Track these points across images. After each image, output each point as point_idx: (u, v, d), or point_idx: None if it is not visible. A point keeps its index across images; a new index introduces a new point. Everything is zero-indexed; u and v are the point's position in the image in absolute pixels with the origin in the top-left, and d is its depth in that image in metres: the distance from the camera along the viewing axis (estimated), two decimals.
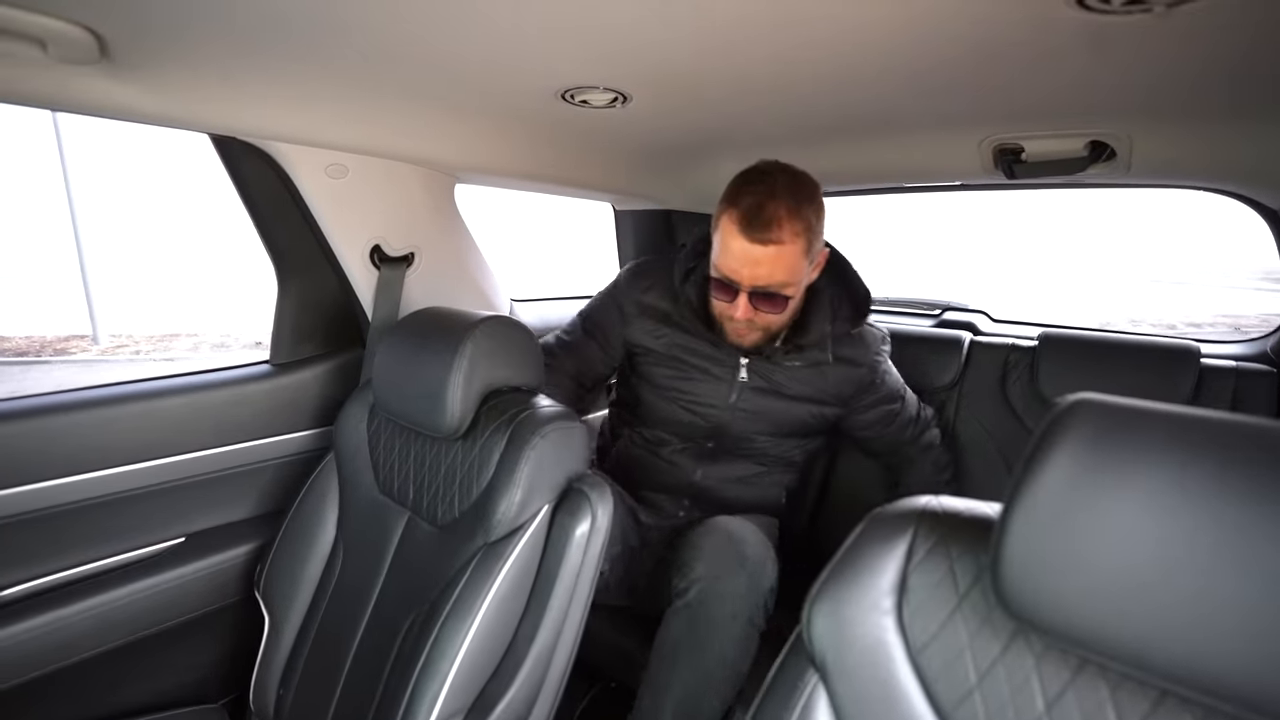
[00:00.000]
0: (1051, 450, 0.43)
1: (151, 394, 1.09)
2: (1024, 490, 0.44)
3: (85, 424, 1.01)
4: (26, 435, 0.96)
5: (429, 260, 1.33)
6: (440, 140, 1.18)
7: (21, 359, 8.64)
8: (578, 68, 0.89)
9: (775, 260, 1.04)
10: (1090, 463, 0.41)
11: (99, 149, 1.98)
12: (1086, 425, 0.43)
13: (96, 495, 1.03)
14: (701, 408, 1.23)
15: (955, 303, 1.76)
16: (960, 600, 0.53)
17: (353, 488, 1.08)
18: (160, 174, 14.30)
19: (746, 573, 1.02)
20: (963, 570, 0.54)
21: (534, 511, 0.86)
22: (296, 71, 0.86)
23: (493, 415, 0.93)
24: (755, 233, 1.03)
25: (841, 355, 1.23)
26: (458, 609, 0.81)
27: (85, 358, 8.71)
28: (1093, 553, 0.41)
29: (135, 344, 9.49)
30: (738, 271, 1.06)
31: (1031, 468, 0.44)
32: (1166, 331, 1.58)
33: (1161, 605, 0.39)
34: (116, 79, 0.80)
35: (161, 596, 1.09)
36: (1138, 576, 0.39)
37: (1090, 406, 0.45)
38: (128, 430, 1.05)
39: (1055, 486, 0.42)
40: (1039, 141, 1.13)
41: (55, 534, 1.00)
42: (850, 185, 1.61)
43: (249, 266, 6.20)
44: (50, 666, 0.98)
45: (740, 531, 1.08)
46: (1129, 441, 0.41)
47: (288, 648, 1.05)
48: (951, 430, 1.46)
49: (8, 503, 0.95)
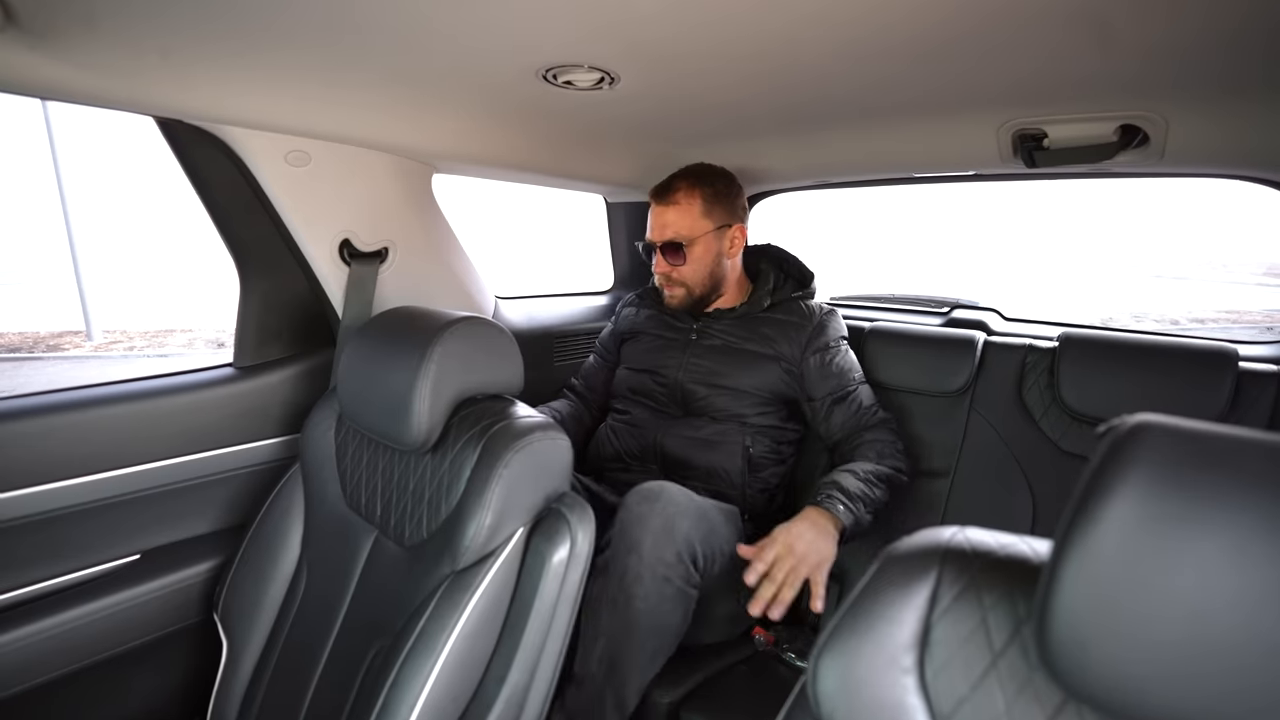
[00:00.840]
0: (1115, 485, 0.36)
1: (104, 400, 1.00)
2: (1080, 532, 0.36)
3: (29, 433, 0.93)
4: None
5: (404, 255, 1.24)
6: (411, 126, 1.09)
7: (14, 355, 8.57)
8: (559, 44, 0.81)
9: (675, 216, 1.33)
10: (1163, 501, 0.34)
11: (91, 141, 1.91)
12: (1155, 455, 0.36)
13: (41, 511, 0.95)
14: (661, 369, 1.41)
15: (965, 300, 1.67)
16: (995, 659, 0.45)
17: (319, 502, 1.00)
18: (154, 166, 14.18)
19: (652, 531, 1.02)
20: (998, 622, 0.45)
21: (506, 536, 0.77)
22: (244, 47, 0.77)
23: (464, 426, 0.84)
24: (659, 197, 1.36)
25: (780, 312, 1.39)
26: (420, 644, 0.72)
27: (79, 354, 8.64)
28: (1165, 613, 0.34)
29: (129, 340, 9.43)
30: (652, 230, 1.37)
31: (1089, 505, 0.36)
32: (1171, 328, 1.49)
33: (1253, 683, 0.32)
34: (33, 51, 0.71)
35: (115, 618, 1.01)
36: (1222, 644, 0.32)
37: (1158, 432, 0.37)
38: (75, 440, 0.97)
39: (1119, 529, 0.35)
40: (1064, 126, 1.04)
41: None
42: (856, 175, 1.52)
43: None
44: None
45: (660, 492, 1.07)
46: (1210, 476, 0.34)
47: (247, 676, 0.97)
48: (961, 438, 1.36)
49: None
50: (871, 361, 1.47)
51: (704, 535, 1.07)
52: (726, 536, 1.14)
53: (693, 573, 1.04)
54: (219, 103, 0.90)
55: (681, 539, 1.03)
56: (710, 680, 1.13)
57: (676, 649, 1.07)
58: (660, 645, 1.03)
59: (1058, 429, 1.27)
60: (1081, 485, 0.38)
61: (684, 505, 1.06)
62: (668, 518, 1.03)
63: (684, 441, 1.33)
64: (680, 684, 1.09)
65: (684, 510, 1.05)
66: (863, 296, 1.86)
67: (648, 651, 1.02)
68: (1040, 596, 0.38)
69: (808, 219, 5.71)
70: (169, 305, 11.84)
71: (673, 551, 1.01)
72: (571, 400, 1.54)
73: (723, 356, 1.36)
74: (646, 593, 1.00)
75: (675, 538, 1.02)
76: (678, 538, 1.02)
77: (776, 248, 1.52)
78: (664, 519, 1.03)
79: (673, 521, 1.03)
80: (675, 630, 1.04)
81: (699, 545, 1.05)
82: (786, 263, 1.50)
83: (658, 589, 1.00)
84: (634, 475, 1.35)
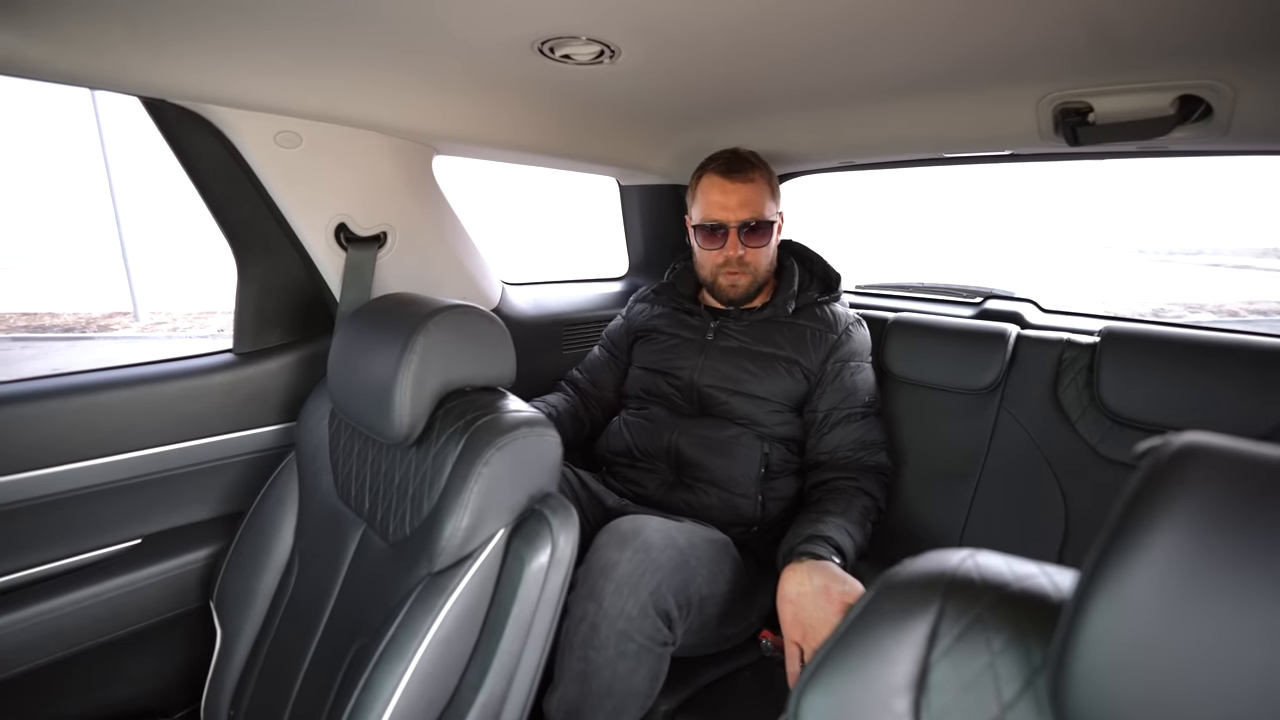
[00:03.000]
0: (1155, 519, 0.30)
1: (105, 385, 1.00)
2: (1110, 573, 0.30)
3: (30, 417, 0.93)
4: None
5: (405, 240, 1.21)
6: (406, 105, 1.05)
7: (68, 334, 8.98)
8: (554, 13, 0.76)
9: (754, 193, 1.25)
10: (1215, 539, 0.28)
11: (139, 126, 1.94)
12: (1206, 484, 0.30)
13: (43, 494, 0.95)
14: (677, 371, 1.33)
15: (999, 290, 1.56)
16: (1003, 712, 0.39)
17: (312, 492, 0.98)
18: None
19: (614, 581, 0.91)
20: (1008, 669, 0.39)
21: (485, 537, 0.73)
22: (220, 22, 0.74)
23: (449, 420, 0.81)
24: (734, 173, 1.25)
25: (803, 318, 1.30)
26: (393, 648, 0.69)
27: (126, 334, 9.00)
28: (1212, 680, 0.28)
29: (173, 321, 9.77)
30: (725, 209, 1.25)
31: (1123, 541, 0.30)
32: (1228, 321, 1.35)
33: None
34: (4, 31, 0.68)
35: (115, 603, 1.01)
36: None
37: (1210, 456, 0.31)
38: (77, 425, 0.97)
39: (1159, 573, 0.29)
40: (1112, 98, 0.93)
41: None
42: (882, 156, 1.42)
43: None
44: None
45: (636, 534, 0.96)
46: (1273, 512, 0.28)
47: (240, 665, 0.96)
48: (989, 438, 1.27)
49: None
50: (893, 355, 1.39)
51: (679, 586, 0.95)
52: (712, 574, 1.03)
53: (662, 629, 0.92)
54: (200, 81, 0.87)
55: (648, 593, 0.91)
56: (711, 686, 1.08)
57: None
58: (618, 707, 0.91)
59: (1096, 432, 1.17)
60: (1115, 516, 0.31)
61: (658, 553, 0.94)
62: (635, 567, 0.91)
63: (700, 442, 1.24)
64: (679, 690, 1.04)
65: (656, 561, 0.93)
66: (888, 285, 1.77)
67: (606, 711, 0.91)
68: (1058, 644, 0.32)
69: (829, 203, 5.52)
70: (211, 288, 12.22)
71: (636, 605, 0.90)
72: (570, 396, 1.45)
73: (741, 360, 1.28)
74: (602, 644, 0.89)
75: (640, 591, 0.90)
76: (642, 592, 0.90)
77: (800, 244, 1.44)
78: (631, 568, 0.91)
79: (641, 572, 0.91)
80: (638, 693, 0.93)
81: (673, 598, 0.94)
82: (811, 261, 1.41)
83: (615, 644, 0.89)
84: (641, 473, 1.29)
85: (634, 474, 1.30)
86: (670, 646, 0.96)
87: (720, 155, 1.28)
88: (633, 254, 1.87)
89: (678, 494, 1.23)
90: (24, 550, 0.96)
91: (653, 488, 1.26)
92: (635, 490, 1.28)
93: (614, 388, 1.46)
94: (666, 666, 0.96)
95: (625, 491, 1.29)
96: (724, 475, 1.21)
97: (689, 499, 1.22)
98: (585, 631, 0.90)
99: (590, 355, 1.51)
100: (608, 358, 1.48)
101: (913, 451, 1.36)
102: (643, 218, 1.78)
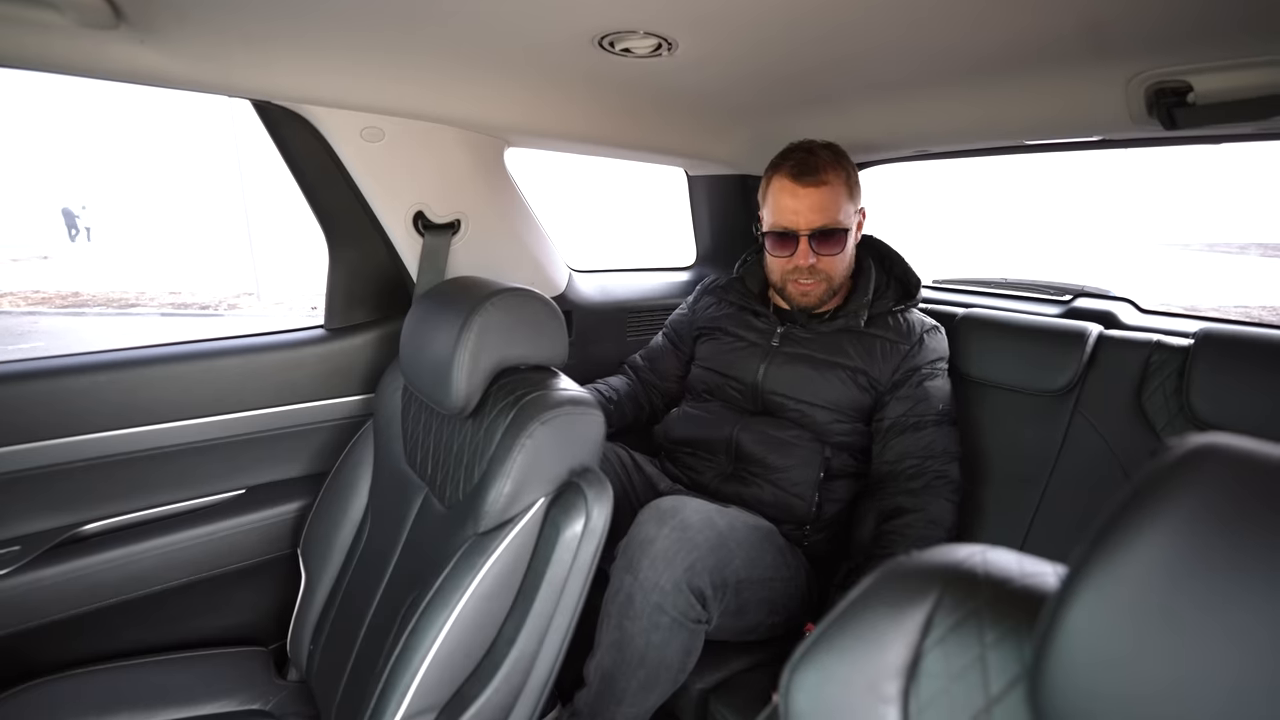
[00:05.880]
0: (1153, 511, 0.29)
1: (219, 353, 1.14)
2: (1098, 567, 0.30)
3: (160, 377, 1.09)
4: (111, 386, 1.04)
5: (476, 227, 1.29)
6: (477, 100, 1.12)
7: (204, 312, 10.10)
8: (611, 8, 0.79)
9: (827, 199, 1.17)
10: (1214, 538, 0.27)
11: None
12: (1211, 482, 0.28)
13: (168, 444, 1.11)
14: (740, 376, 1.30)
15: (1091, 288, 1.44)
16: (990, 705, 0.39)
17: (384, 457, 1.08)
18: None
19: (651, 556, 0.95)
20: (999, 663, 0.39)
21: (527, 504, 0.79)
22: (317, 30, 0.82)
23: (501, 394, 0.87)
24: (806, 177, 1.17)
25: (877, 328, 1.25)
26: (439, 598, 0.76)
27: (251, 312, 10.00)
28: (1197, 687, 0.27)
29: (290, 302, 10.75)
30: (795, 216, 1.18)
31: (1115, 533, 0.30)
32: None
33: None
34: (140, 44, 0.80)
35: (222, 542, 1.16)
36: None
37: (1222, 455, 0.29)
38: (195, 385, 1.11)
39: (1149, 569, 0.28)
40: (1214, 76, 0.84)
41: (131, 478, 1.09)
42: (960, 144, 1.35)
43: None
44: (122, 596, 1.07)
45: (675, 512, 0.99)
46: (1273, 511, 0.27)
47: (319, 607, 1.07)
48: (1060, 443, 1.19)
49: (95, 446, 1.04)
50: (962, 351, 1.32)
51: (715, 566, 0.97)
52: (750, 559, 1.04)
53: (695, 606, 0.95)
54: (300, 83, 0.98)
55: (682, 569, 0.93)
56: (749, 673, 1.09)
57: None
58: (650, 678, 0.95)
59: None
60: (1111, 507, 0.31)
61: (695, 532, 0.97)
62: (672, 543, 0.94)
63: (761, 438, 1.23)
64: (715, 671, 1.06)
65: (693, 540, 0.96)
66: (969, 280, 1.68)
67: (638, 680, 0.95)
68: (1039, 638, 0.32)
69: (920, 198, 5.16)
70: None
71: (670, 580, 0.93)
72: (631, 379, 1.48)
73: (806, 369, 1.24)
74: (637, 615, 0.93)
75: (675, 567, 0.93)
76: (677, 567, 0.93)
77: (881, 242, 1.35)
78: (668, 544, 0.94)
79: (676, 549, 0.94)
80: (670, 666, 0.96)
81: (708, 576, 0.96)
82: (892, 262, 1.32)
83: (649, 616, 0.93)
84: (701, 461, 1.30)
85: (693, 461, 1.31)
86: (704, 625, 0.98)
87: (792, 153, 1.20)
88: (700, 244, 1.88)
89: (732, 486, 1.24)
90: (152, 491, 1.11)
91: (709, 477, 1.27)
92: (691, 477, 1.30)
93: (675, 377, 1.47)
94: (700, 644, 0.99)
95: (681, 478, 1.31)
96: (782, 473, 1.21)
97: (742, 491, 1.22)
98: (621, 602, 0.94)
99: (654, 342, 1.52)
100: (670, 347, 1.48)
101: (975, 452, 1.30)
102: (710, 207, 1.78)
